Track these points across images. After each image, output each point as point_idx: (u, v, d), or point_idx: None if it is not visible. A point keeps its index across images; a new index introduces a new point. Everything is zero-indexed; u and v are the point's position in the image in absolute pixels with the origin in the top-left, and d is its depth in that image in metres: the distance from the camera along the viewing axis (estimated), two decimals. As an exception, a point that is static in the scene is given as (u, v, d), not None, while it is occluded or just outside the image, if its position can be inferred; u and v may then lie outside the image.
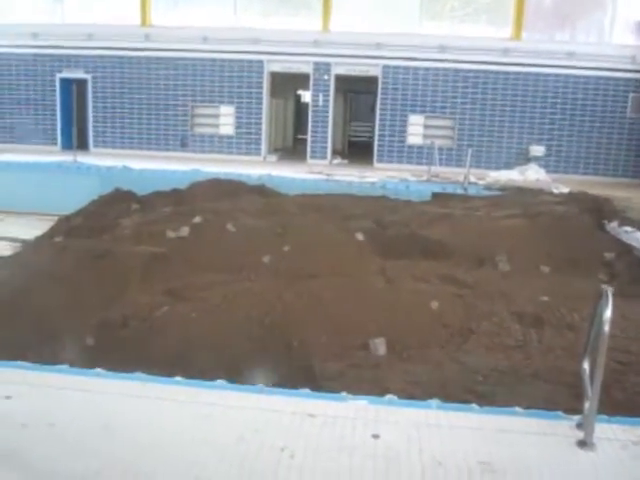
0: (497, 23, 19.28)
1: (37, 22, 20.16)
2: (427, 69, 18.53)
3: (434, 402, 4.47)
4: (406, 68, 18.58)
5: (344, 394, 4.45)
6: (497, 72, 18.34)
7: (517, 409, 4.39)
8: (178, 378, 4.55)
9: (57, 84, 20.33)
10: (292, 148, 24.45)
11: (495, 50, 18.28)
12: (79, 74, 20.16)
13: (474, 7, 19.87)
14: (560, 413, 4.33)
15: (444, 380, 6.39)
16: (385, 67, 18.62)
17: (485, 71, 18.35)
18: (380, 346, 6.91)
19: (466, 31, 19.19)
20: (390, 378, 6.31)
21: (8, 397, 4.02)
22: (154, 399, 4.08)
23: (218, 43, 19.02)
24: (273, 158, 19.90)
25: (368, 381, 6.16)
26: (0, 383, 4.22)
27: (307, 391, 4.59)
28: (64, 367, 4.81)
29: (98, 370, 4.62)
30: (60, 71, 20.26)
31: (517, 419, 4.14)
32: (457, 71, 18.47)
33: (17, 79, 20.50)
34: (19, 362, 4.72)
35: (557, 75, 18.23)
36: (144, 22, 19.89)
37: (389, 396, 4.60)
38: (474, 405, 4.55)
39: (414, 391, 5.92)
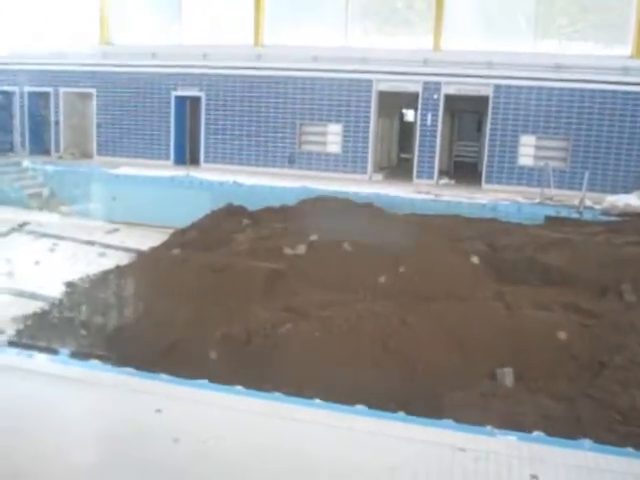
0: (606, 40, 18.54)
1: (155, 43, 21.12)
2: (540, 88, 17.97)
3: (587, 442, 4.23)
4: (518, 87, 18.08)
5: (489, 428, 4.29)
6: (615, 91, 17.56)
7: (679, 455, 4.09)
8: (318, 401, 4.53)
9: (172, 101, 21.16)
10: (396, 167, 24.33)
11: (614, 69, 17.54)
12: (193, 92, 20.90)
13: (583, 24, 19.18)
14: None
15: (579, 416, 6.09)
16: (497, 86, 18.20)
17: (602, 90, 17.60)
18: (508, 376, 6.68)
19: (575, 49, 18.56)
20: (521, 411, 6.08)
21: (158, 410, 4.11)
22: (300, 422, 4.07)
23: (328, 62, 19.21)
24: (379, 177, 19.83)
25: (499, 412, 5.95)
26: (150, 395, 4.33)
27: (450, 422, 4.46)
28: (205, 382, 4.89)
29: (238, 388, 4.67)
30: (175, 89, 21.10)
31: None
32: (572, 90, 17.82)
33: (135, 96, 21.50)
34: (167, 376, 4.83)
35: (681, 95, 17.32)
36: (256, 42, 20.38)
37: (537, 433, 4.39)
38: (630, 449, 4.27)
39: (548, 426, 5.66)
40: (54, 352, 5.63)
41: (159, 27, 21.76)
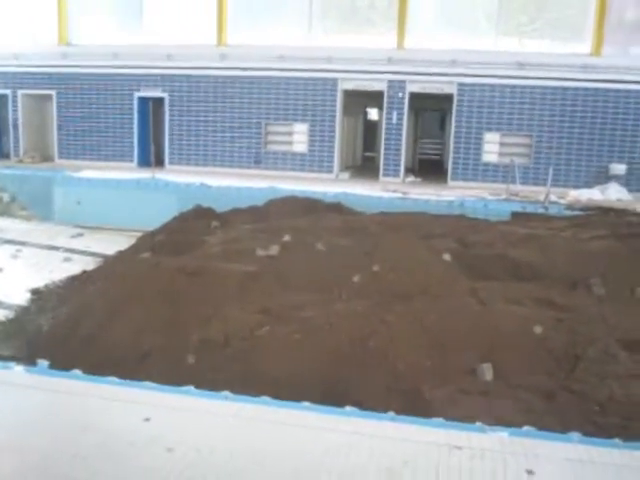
0: (565, 38, 18.87)
1: (117, 43, 20.75)
2: (503, 86, 18.20)
3: (575, 435, 4.28)
4: (482, 85, 18.28)
5: (480, 424, 4.30)
6: (576, 88, 17.89)
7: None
8: (306, 403, 4.48)
9: (135, 102, 20.84)
10: (361, 166, 24.40)
11: (574, 66, 17.87)
12: (156, 93, 20.62)
13: (542, 22, 19.46)
14: None
15: (559, 410, 6.17)
16: (461, 84, 18.38)
17: (564, 87, 17.92)
18: (487, 371, 6.74)
19: (536, 46, 18.85)
20: (502, 405, 6.13)
21: (147, 419, 4.02)
22: (291, 425, 4.02)
23: (292, 62, 19.14)
24: (345, 176, 19.85)
25: (480, 408, 5.98)
26: (136, 404, 4.22)
27: (441, 420, 4.46)
28: (190, 389, 4.80)
29: (225, 393, 4.59)
30: (138, 90, 20.77)
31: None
32: (534, 88, 18.10)
33: (97, 98, 21.09)
34: (154, 384, 4.73)
35: (639, 91, 17.72)
36: (220, 42, 20.20)
37: (527, 427, 4.42)
38: (617, 440, 4.33)
39: (530, 420, 5.72)
40: (32, 363, 5.47)
41: (120, 27, 21.40)
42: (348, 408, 4.57)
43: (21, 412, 4.35)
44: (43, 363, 5.38)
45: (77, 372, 5.10)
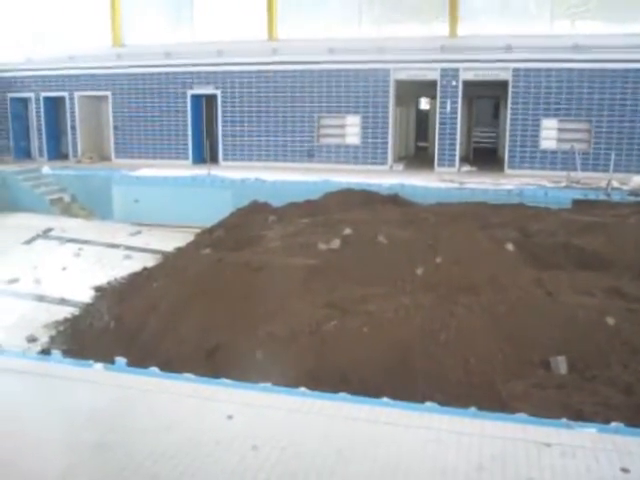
0: (623, 18, 18.18)
1: (169, 42, 21.06)
2: (560, 70, 17.73)
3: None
4: (538, 70, 17.85)
5: (565, 420, 4.19)
6: (637, 70, 17.32)
7: None
8: (386, 399, 4.44)
9: (188, 100, 21.12)
10: (414, 156, 24.18)
11: (635, 47, 17.26)
12: (209, 90, 20.85)
13: (599, 2, 18.77)
14: None
15: (638, 403, 5.97)
16: (516, 70, 18.00)
17: (624, 69, 17.36)
18: (561, 364, 6.58)
19: (593, 28, 18.22)
20: (579, 399, 5.97)
21: (230, 417, 4.03)
22: (374, 423, 3.98)
23: (344, 54, 19.09)
24: (399, 167, 19.68)
25: (557, 402, 5.84)
26: (217, 402, 4.25)
27: (524, 416, 4.36)
28: (268, 385, 4.80)
29: (302, 390, 4.58)
30: (191, 87, 21.04)
31: None
32: (592, 71, 17.57)
33: (151, 97, 21.46)
34: (232, 381, 4.75)
35: (703, 70, 17.05)
36: (271, 37, 20.29)
37: (614, 424, 4.29)
38: None
39: (610, 415, 5.56)
40: (110, 361, 5.57)
41: (171, 26, 21.73)
42: (429, 404, 4.51)
43: (102, 410, 4.43)
44: (121, 360, 5.46)
45: (155, 369, 5.17)
